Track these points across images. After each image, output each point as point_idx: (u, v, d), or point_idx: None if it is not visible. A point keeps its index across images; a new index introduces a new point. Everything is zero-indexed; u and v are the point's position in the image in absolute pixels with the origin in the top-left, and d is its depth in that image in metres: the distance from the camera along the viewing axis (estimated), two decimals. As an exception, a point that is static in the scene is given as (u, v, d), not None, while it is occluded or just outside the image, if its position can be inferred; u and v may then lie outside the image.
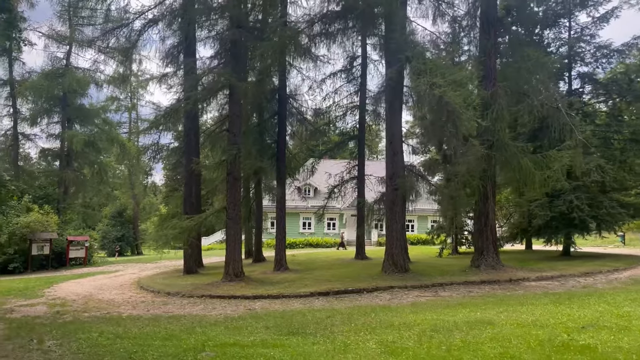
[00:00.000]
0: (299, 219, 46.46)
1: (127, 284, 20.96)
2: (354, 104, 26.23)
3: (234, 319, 11.13)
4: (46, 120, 37.94)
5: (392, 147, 16.89)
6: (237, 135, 18.27)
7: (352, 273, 18.34)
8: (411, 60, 13.52)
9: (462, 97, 11.74)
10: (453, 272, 17.23)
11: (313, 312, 11.18)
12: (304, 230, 46.51)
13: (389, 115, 17.14)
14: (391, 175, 16.82)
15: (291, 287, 16.07)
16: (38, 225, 28.13)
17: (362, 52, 25.96)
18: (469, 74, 12.30)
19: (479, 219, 17.30)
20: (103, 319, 12.47)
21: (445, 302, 12.02)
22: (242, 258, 18.44)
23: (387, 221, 17.02)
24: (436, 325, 8.46)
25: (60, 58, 37.31)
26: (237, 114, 18.47)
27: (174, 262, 32.30)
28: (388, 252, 16.85)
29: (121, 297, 16.78)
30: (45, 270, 28.37)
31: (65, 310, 13.98)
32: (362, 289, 14.61)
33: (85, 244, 31.50)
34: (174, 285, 18.67)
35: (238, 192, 18.35)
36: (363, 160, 25.72)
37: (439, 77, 12.00)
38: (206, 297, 15.77)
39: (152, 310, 13.73)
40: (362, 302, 12.93)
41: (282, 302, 14.12)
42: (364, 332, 8.41)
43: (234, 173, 18.13)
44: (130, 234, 58.07)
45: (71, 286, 20.15)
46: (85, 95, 39.65)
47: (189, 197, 22.77)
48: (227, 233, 18.21)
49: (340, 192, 26.39)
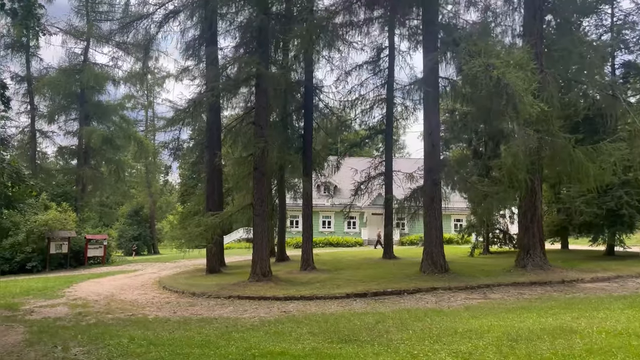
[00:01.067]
0: (319, 218, 45.50)
1: (148, 283, 20.18)
2: (381, 97, 25.19)
3: (272, 323, 10.20)
4: (64, 117, 37.57)
5: (431, 138, 15.86)
6: (264, 128, 17.36)
7: (386, 273, 17.34)
8: (459, 42, 12.49)
9: (523, 79, 10.68)
10: (495, 272, 16.15)
11: (358, 316, 10.20)
12: (324, 229, 45.57)
13: (427, 105, 16.11)
14: (430, 169, 15.80)
15: (324, 287, 15.11)
16: (56, 224, 27.53)
17: (389, 43, 24.93)
18: (527, 55, 11.23)
19: (525, 215, 16.17)
20: (128, 321, 11.63)
21: (501, 305, 10.98)
22: (268, 257, 17.52)
23: (425, 218, 15.99)
24: (509, 333, 7.44)
25: (78, 54, 36.83)
26: (263, 106, 17.56)
27: (193, 261, 31.54)
28: (427, 251, 15.81)
29: (144, 298, 15.96)
30: (63, 269, 27.75)
31: (88, 312, 13.19)
32: (402, 290, 13.61)
33: (104, 243, 30.85)
34: (199, 285, 17.82)
35: (265, 188, 17.44)
36: (391, 155, 24.70)
37: (494, 58, 10.98)
38: (234, 298, 14.89)
39: (179, 312, 12.87)
40: (406, 304, 11.92)
41: (316, 304, 13.17)
42: (428, 340, 7.42)
43: (261, 168, 17.22)
44: (147, 233, 57.48)
45: (91, 286, 19.42)
46: (102, 92, 39.14)
47: (212, 193, 21.94)
48: (254, 231, 17.30)
49: (367, 189, 25.36)
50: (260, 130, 17.13)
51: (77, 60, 36.83)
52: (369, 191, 25.59)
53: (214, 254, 21.68)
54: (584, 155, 14.07)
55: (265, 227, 17.24)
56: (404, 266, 19.57)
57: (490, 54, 11.17)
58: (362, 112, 25.16)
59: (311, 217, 20.86)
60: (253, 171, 17.39)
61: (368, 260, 24.01)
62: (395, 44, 25.01)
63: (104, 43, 36.71)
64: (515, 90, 10.48)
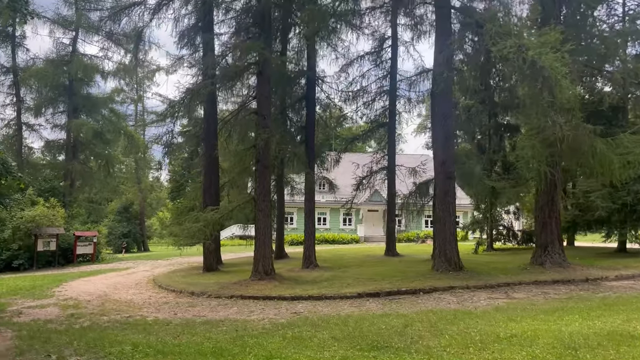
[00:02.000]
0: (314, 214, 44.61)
1: (142, 282, 19.21)
2: (383, 89, 24.38)
3: (286, 326, 9.34)
4: (51, 110, 36.19)
5: (444, 129, 15.07)
6: (267, 119, 16.45)
7: (394, 271, 16.55)
8: (482, 24, 11.69)
9: (559, 61, 9.90)
10: (511, 270, 15.42)
11: (380, 319, 9.38)
12: (319, 225, 44.71)
13: (440, 94, 15.30)
14: (443, 161, 15.00)
15: (332, 286, 14.28)
16: (44, 220, 26.35)
17: (392, 33, 24.13)
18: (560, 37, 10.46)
19: (542, 210, 15.44)
20: (126, 324, 10.71)
21: (532, 306, 10.19)
22: (271, 254, 16.64)
23: (438, 213, 15.20)
24: (562, 339, 6.66)
25: (66, 44, 35.48)
26: (266, 95, 16.65)
27: (187, 258, 30.50)
28: (440, 248, 15.02)
29: (140, 298, 15.02)
30: (51, 267, 26.60)
31: (81, 313, 12.23)
32: (417, 290, 12.81)
33: (94, 240, 29.69)
34: (197, 284, 16.91)
35: (268, 182, 16.55)
36: (394, 149, 23.90)
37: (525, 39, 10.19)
38: (237, 297, 14.00)
39: (180, 314, 11.96)
40: (426, 305, 11.12)
41: (327, 304, 12.33)
42: (473, 347, 6.62)
43: (264, 161, 16.33)
44: (136, 230, 56.21)
45: (82, 285, 18.40)
46: (92, 85, 37.88)
47: (208, 187, 21.00)
48: (256, 227, 16.41)
49: (369, 184, 24.56)
50: (263, 121, 16.22)
51: (65, 51, 35.51)
52: (370, 186, 24.80)
53: (211, 252, 20.73)
54: (606, 148, 13.36)
55: (269, 223, 16.37)
56: (411, 264, 18.82)
57: (521, 35, 10.39)
58: (364, 105, 24.36)
59: (314, 213, 20.08)
60: (256, 164, 16.50)
61: (371, 258, 23.23)
62: (398, 35, 24.21)
63: (94, 33, 35.49)
64: (551, 73, 9.71)
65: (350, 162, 27.83)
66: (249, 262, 26.02)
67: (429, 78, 22.36)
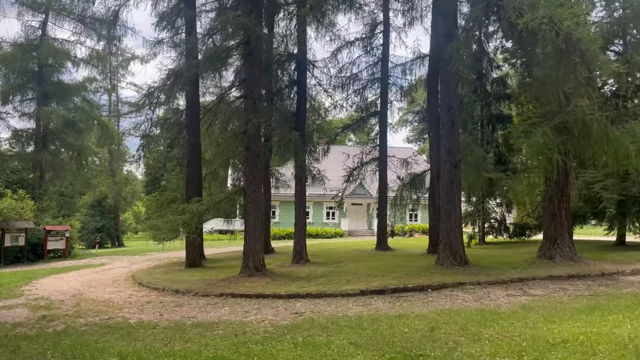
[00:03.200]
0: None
1: (120, 279, 17.85)
2: (374, 77, 23.36)
3: (290, 329, 8.26)
4: (19, 98, 34.01)
5: (450, 114, 14.11)
6: (258, 102, 15.27)
7: (393, 266, 15.59)
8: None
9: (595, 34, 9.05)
10: (517, 264, 14.60)
11: (398, 320, 8.36)
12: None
13: (445, 77, 14.35)
14: (449, 149, 14.05)
15: (330, 283, 13.24)
16: (11, 213, 24.57)
17: (383, 18, 23.14)
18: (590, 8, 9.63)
19: (551, 201, 14.64)
20: (106, 327, 9.48)
21: (561, 304, 9.30)
22: (262, 249, 15.50)
23: (442, 204, 14.26)
24: (625, 345, 5.77)
25: (36, 27, 33.36)
26: (256, 77, 15.43)
27: (165, 254, 29.04)
28: (445, 241, 14.06)
29: (119, 297, 13.73)
30: (20, 263, 24.87)
31: (54, 315, 10.93)
32: (425, 286, 11.85)
33: (66, 234, 28.02)
34: (180, 281, 15.66)
35: (259, 171, 15.36)
36: (385, 139, 22.93)
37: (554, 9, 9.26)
38: (227, 295, 12.85)
39: (166, 315, 10.76)
40: (440, 303, 10.15)
41: (328, 302, 11.28)
42: (527, 356, 5.65)
43: (254, 148, 15.13)
44: (110, 224, 54.18)
45: (54, 282, 16.96)
46: (62, 72, 35.83)
47: (192, 178, 19.70)
48: (246, 219, 15.23)
49: (360, 175, 23.56)
50: (252, 105, 15.00)
51: (34, 35, 33.41)
52: (361, 178, 23.80)
53: (195, 246, 19.45)
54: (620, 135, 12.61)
55: (259, 215, 15.18)
56: (407, 258, 17.93)
57: (550, 5, 9.46)
58: (354, 93, 23.30)
59: (304, 205, 18.99)
60: (245, 151, 15.28)
61: (361, 252, 22.26)
62: (390, 20, 23.22)
63: (65, 16, 33.58)
64: (588, 47, 8.83)
65: (335, 155, 26.80)
66: (232, 257, 24.93)
67: (424, 64, 21.49)
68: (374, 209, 45.45)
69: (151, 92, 19.56)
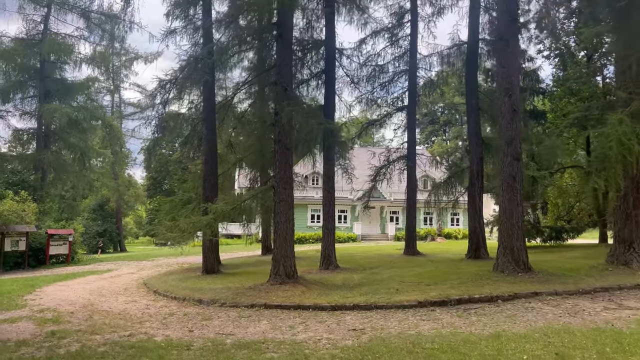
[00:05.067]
0: (307, 211, 41.92)
1: (131, 287, 16.25)
2: (401, 69, 21.83)
3: (363, 353, 6.69)
4: (20, 95, 32.44)
5: (511, 101, 12.57)
6: (290, 90, 13.71)
7: (439, 273, 14.02)
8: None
9: None
10: (585, 270, 12.98)
11: (500, 342, 6.78)
12: (313, 223, 41.97)
13: (505, 59, 12.82)
14: (510, 140, 12.49)
15: (377, 293, 11.63)
16: (12, 215, 22.94)
17: (411, 6, 21.63)
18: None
19: (625, 200, 13.02)
20: (130, 347, 7.90)
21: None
22: (293, 254, 13.88)
23: (503, 203, 12.69)
24: None
25: (37, 22, 31.84)
26: (287, 62, 13.89)
27: (174, 259, 27.58)
28: (505, 244, 12.46)
29: (135, 308, 12.13)
30: (21, 269, 23.23)
31: (65, 331, 9.33)
32: (494, 297, 10.26)
33: (69, 239, 26.35)
34: (202, 289, 14.05)
35: (290, 167, 13.78)
36: (414, 135, 21.41)
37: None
38: (260, 307, 11.25)
39: (197, 331, 9.15)
40: (528, 317, 8.54)
41: (383, 316, 9.69)
42: None
43: (286, 140, 13.55)
44: (113, 229, 52.60)
45: (60, 290, 15.36)
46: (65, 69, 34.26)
47: (209, 176, 18.10)
48: (276, 220, 13.64)
49: (386, 175, 21.99)
50: (284, 93, 13.42)
51: (36, 29, 31.89)
52: (387, 177, 22.19)
53: (212, 251, 17.85)
54: None
55: (291, 216, 13.59)
56: (449, 264, 16.39)
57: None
58: (380, 86, 21.76)
59: (333, 206, 17.39)
60: (275, 145, 13.72)
61: (389, 257, 20.71)
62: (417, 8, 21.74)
63: (68, 10, 32.11)
64: None
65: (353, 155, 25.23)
66: (249, 262, 23.34)
67: (459, 53, 20.00)
68: (388, 213, 43.93)
69: (163, 85, 18.03)
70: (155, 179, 69.08)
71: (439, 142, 67.43)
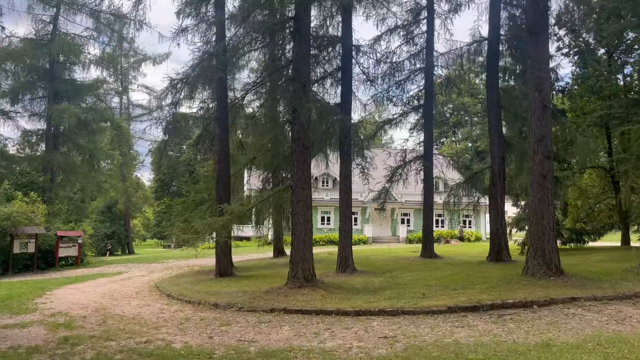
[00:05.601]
0: (317, 213, 41.39)
1: (143, 290, 15.80)
2: (417, 67, 21.33)
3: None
4: (29, 96, 32.14)
5: (541, 97, 12.06)
6: (307, 86, 13.25)
7: (464, 276, 13.51)
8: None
9: None
10: (619, 274, 12.45)
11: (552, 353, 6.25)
12: (323, 225, 41.48)
13: (534, 53, 12.31)
14: (541, 137, 11.98)
15: (401, 297, 11.13)
16: (22, 217, 22.61)
17: (427, 3, 21.14)
18: None
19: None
20: (148, 355, 7.46)
21: None
22: (312, 256, 13.40)
23: (532, 203, 12.16)
24: None
25: (47, 22, 31.56)
26: (306, 58, 13.44)
27: (183, 262, 27.14)
28: (536, 246, 11.93)
29: (149, 312, 11.68)
30: (30, 272, 22.88)
31: (78, 336, 8.89)
32: (529, 302, 9.72)
33: (79, 241, 25.99)
34: (217, 293, 13.58)
35: (308, 166, 13.31)
36: (431, 135, 20.93)
37: None
38: (279, 311, 10.77)
39: (217, 338, 8.68)
40: (573, 326, 8.00)
41: (412, 322, 9.18)
42: None
43: (304, 139, 13.09)
44: (121, 231, 52.21)
45: (71, 294, 14.95)
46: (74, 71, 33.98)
47: (222, 176, 17.65)
48: (294, 221, 13.16)
49: (402, 176, 21.47)
50: (302, 90, 12.96)
51: (45, 30, 31.62)
52: (403, 178, 21.66)
53: (225, 253, 17.39)
54: None
55: (309, 216, 13.11)
56: (472, 267, 15.89)
57: None
58: (395, 84, 21.24)
59: (350, 207, 16.97)
60: (293, 143, 13.25)
61: (406, 260, 20.18)
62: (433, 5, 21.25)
63: (77, 10, 31.84)
64: None
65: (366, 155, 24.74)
66: (261, 265, 22.87)
67: (479, 50, 19.47)
68: (399, 215, 43.36)
69: (174, 85, 17.63)
70: (162, 181, 68.83)
71: (448, 143, 66.82)
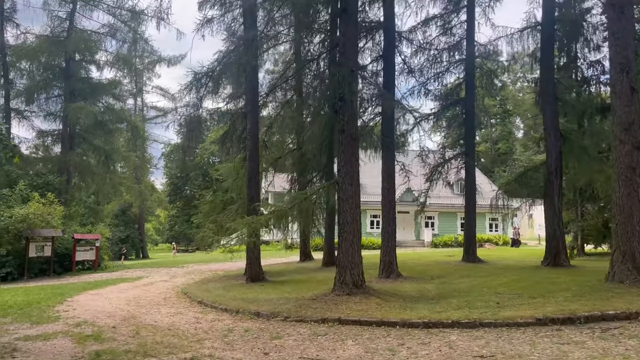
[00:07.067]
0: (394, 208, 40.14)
1: (170, 296, 14.59)
2: (457, 59, 20.02)
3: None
4: (44, 95, 31.17)
5: (629, 79, 10.70)
6: (356, 71, 11.98)
7: (531, 283, 12.18)
8: None
9: None
10: None
11: None
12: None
13: (619, 30, 10.96)
14: (628, 125, 10.61)
15: (473, 307, 9.79)
16: (37, 219, 21.51)
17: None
18: None
19: None
20: (200, 377, 6.17)
21: None
22: (361, 260, 12.10)
23: (618, 199, 10.78)
24: None
25: (63, 19, 30.60)
26: (353, 41, 12.16)
27: (203, 266, 25.86)
28: (624, 249, 10.50)
29: (183, 321, 10.45)
30: (46, 276, 21.75)
31: (110, 351, 7.66)
32: (631, 313, 8.36)
33: (96, 244, 24.85)
34: (255, 300, 12.33)
35: (357, 160, 12.02)
36: (473, 129, 19.53)
37: None
38: (334, 322, 9.46)
39: (273, 354, 7.43)
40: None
41: (499, 336, 7.86)
42: None
43: (351, 130, 11.82)
44: (135, 235, 51.36)
45: (93, 300, 13.75)
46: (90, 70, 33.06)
47: (253, 174, 16.44)
48: (341, 221, 11.88)
49: (442, 175, 20.14)
50: (350, 75, 11.69)
51: (61, 27, 30.66)
52: (443, 177, 20.32)
53: (256, 257, 16.15)
54: None
55: (358, 215, 11.82)
56: (531, 272, 14.59)
57: None
58: (434, 77, 19.95)
59: (394, 207, 15.70)
60: (339, 135, 11.96)
61: (446, 264, 18.87)
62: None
63: (94, 7, 30.92)
64: None
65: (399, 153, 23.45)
66: (289, 269, 21.56)
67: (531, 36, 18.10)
68: (423, 218, 41.82)
69: (199, 79, 16.53)
70: (175, 185, 68.00)
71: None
